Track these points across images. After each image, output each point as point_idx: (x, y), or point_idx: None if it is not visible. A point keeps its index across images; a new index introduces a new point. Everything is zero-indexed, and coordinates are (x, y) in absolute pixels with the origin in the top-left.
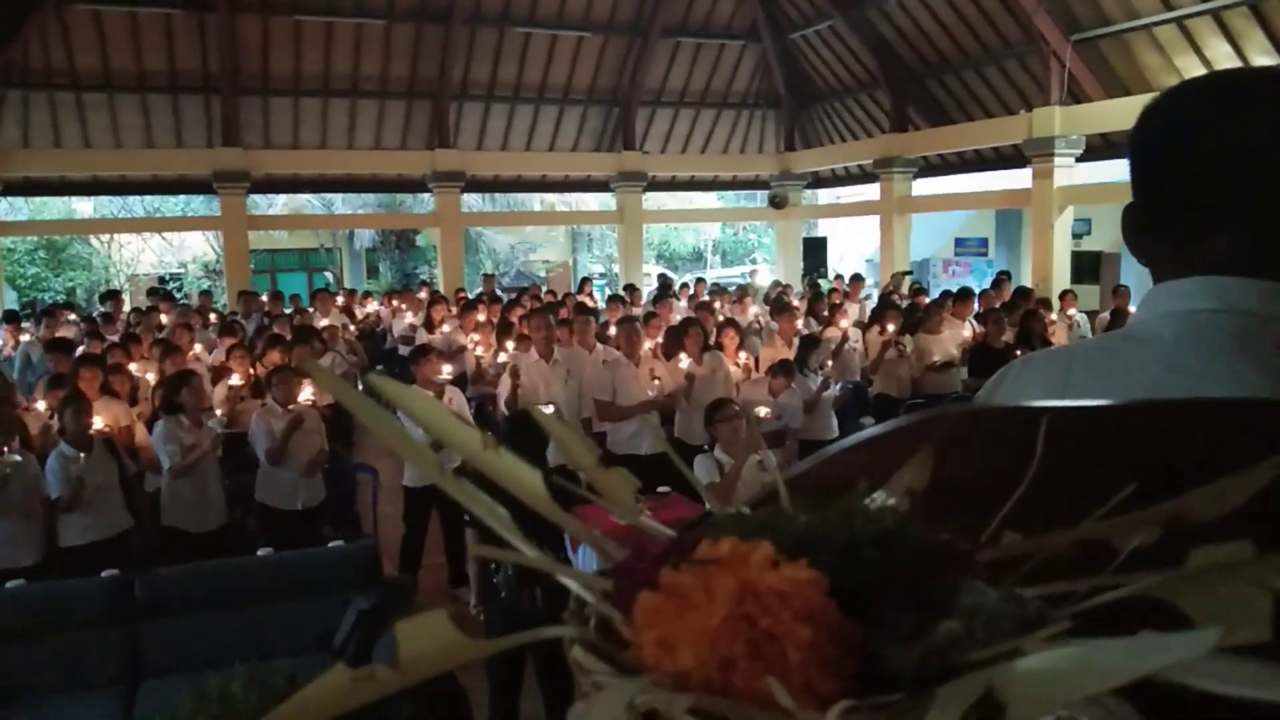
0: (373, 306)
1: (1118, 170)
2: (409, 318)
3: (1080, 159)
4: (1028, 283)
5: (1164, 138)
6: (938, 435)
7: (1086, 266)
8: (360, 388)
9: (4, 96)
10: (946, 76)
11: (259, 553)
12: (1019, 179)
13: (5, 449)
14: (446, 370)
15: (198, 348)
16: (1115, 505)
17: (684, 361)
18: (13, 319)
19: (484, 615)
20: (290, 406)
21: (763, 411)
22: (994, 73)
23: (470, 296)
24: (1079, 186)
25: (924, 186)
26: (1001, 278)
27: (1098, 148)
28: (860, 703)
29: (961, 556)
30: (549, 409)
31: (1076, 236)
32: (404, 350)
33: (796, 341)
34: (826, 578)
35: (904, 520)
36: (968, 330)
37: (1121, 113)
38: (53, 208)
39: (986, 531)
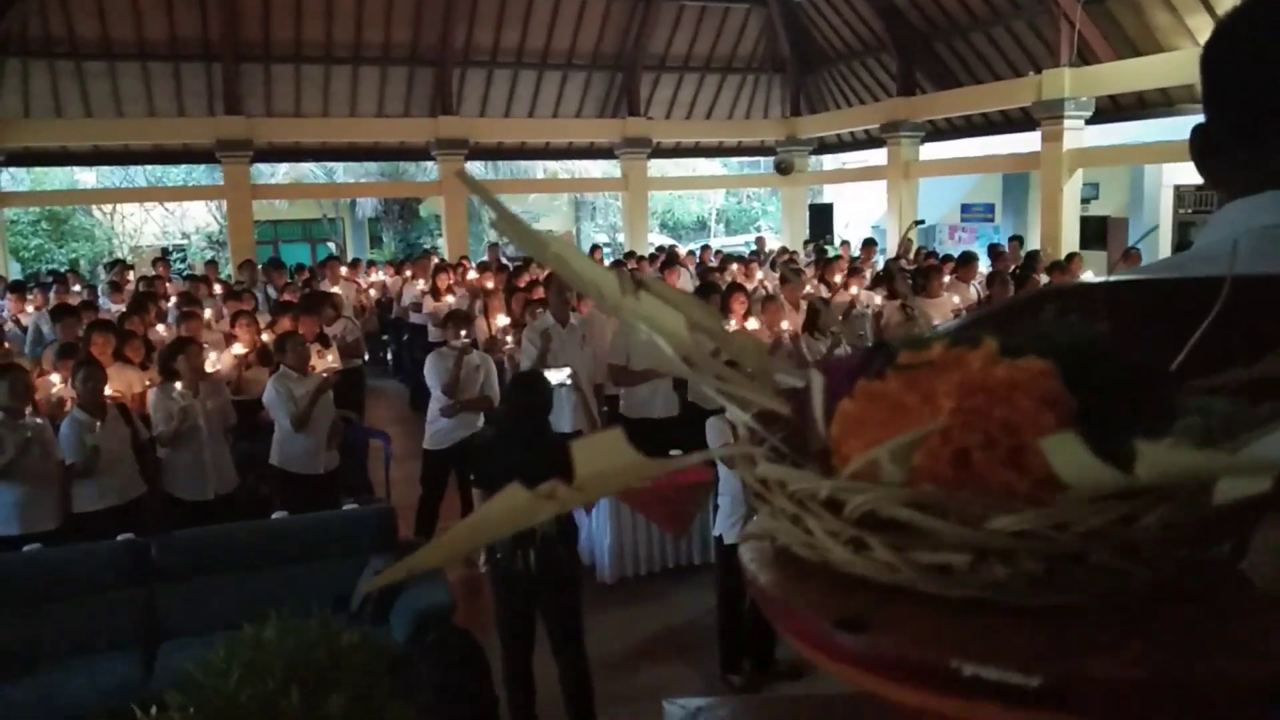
0: (377, 276)
1: (1129, 132)
2: (420, 285)
3: (1090, 121)
4: (1036, 248)
5: (1255, 44)
6: (1065, 308)
7: (1093, 232)
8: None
9: (3, 65)
10: (954, 39)
11: (274, 516)
12: (1027, 143)
13: (25, 413)
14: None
15: (207, 313)
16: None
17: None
18: (18, 289)
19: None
20: (320, 370)
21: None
22: (1002, 34)
23: (473, 266)
24: (1089, 149)
25: (931, 151)
26: (1012, 243)
27: (1107, 110)
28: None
29: (1167, 370)
30: (566, 373)
31: (1084, 201)
32: (414, 318)
33: (804, 307)
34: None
35: (1105, 335)
36: (973, 293)
37: (1132, 74)
38: (55, 178)
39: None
